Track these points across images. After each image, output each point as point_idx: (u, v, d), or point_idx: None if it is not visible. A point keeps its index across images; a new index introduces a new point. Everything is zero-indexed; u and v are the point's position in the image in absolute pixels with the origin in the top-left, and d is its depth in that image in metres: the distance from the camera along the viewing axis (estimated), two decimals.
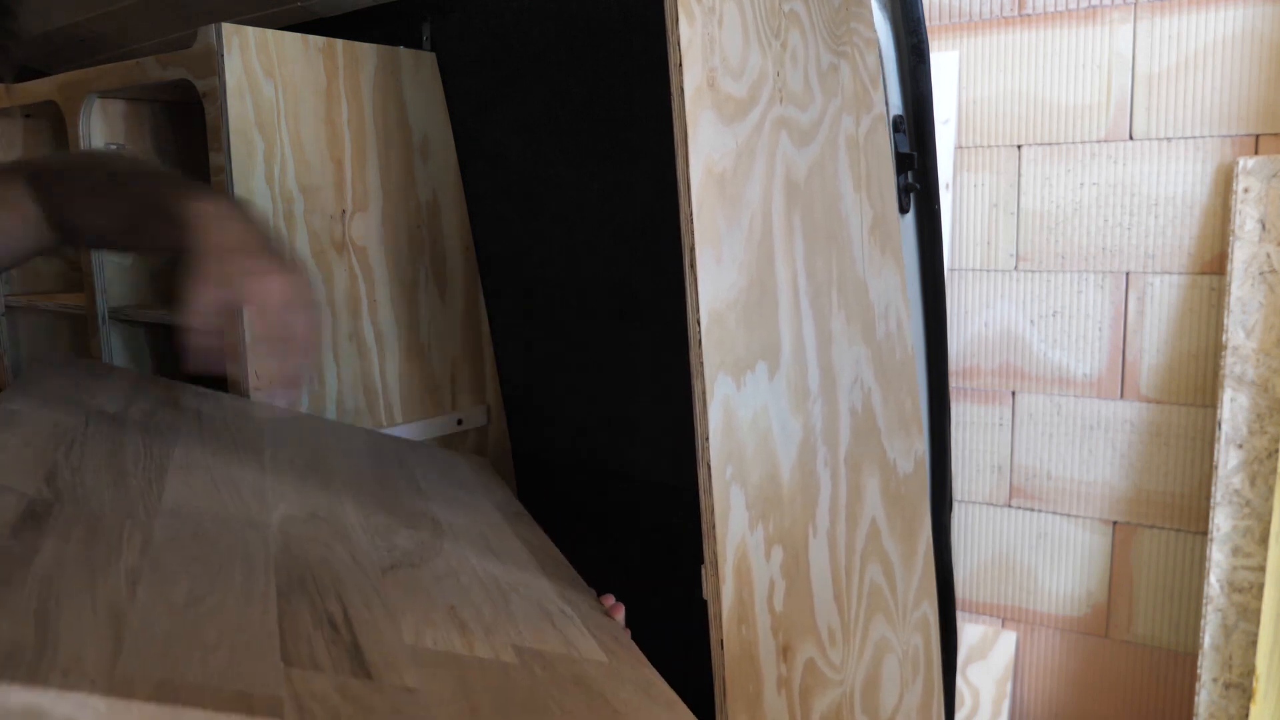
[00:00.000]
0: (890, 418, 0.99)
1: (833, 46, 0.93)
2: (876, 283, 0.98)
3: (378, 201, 1.32)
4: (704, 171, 0.77)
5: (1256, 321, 1.54)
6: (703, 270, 0.77)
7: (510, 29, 1.27)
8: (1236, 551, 1.58)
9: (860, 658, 0.94)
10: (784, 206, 0.84)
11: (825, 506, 0.89)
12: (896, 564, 1.00)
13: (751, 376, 0.81)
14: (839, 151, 0.92)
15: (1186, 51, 1.59)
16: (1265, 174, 1.53)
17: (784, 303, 0.85)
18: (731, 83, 0.79)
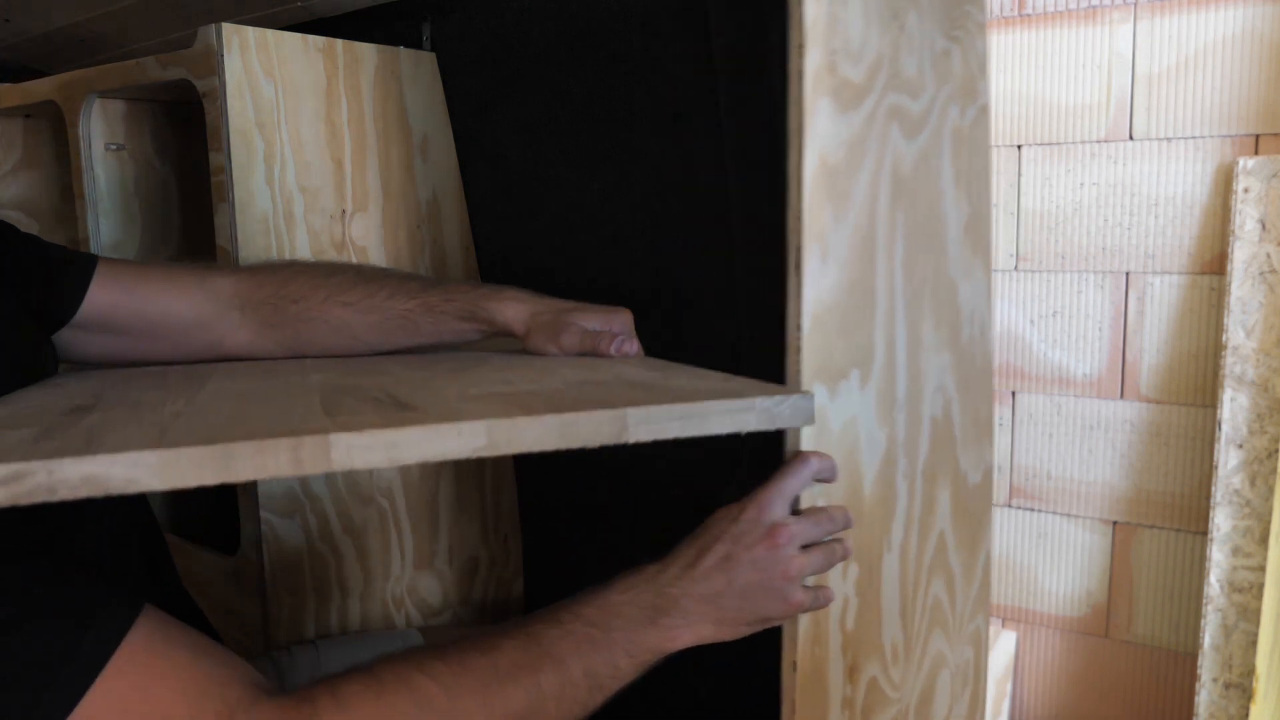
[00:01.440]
0: (966, 427, 0.96)
1: (947, 30, 0.88)
2: (966, 285, 0.94)
3: (378, 201, 1.32)
4: (817, 163, 0.73)
5: (1256, 321, 1.54)
6: (808, 270, 0.73)
7: (510, 29, 1.27)
8: (1236, 551, 1.58)
9: (919, 674, 0.92)
10: (889, 203, 0.81)
11: (900, 520, 0.86)
12: (958, 577, 0.97)
13: (845, 385, 0.78)
14: (944, 144, 0.89)
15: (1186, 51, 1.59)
16: (1265, 174, 1.53)
17: (880, 306, 0.81)
18: (850, 67, 0.75)
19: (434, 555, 1.43)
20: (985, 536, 1.03)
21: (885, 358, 0.82)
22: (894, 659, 0.87)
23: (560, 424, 0.62)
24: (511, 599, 1.56)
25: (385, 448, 0.56)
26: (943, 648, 0.96)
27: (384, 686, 0.63)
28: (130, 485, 0.49)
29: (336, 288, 1.01)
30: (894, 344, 0.83)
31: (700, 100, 1.14)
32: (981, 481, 1.01)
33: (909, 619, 0.89)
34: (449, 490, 1.44)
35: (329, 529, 1.29)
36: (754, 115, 1.10)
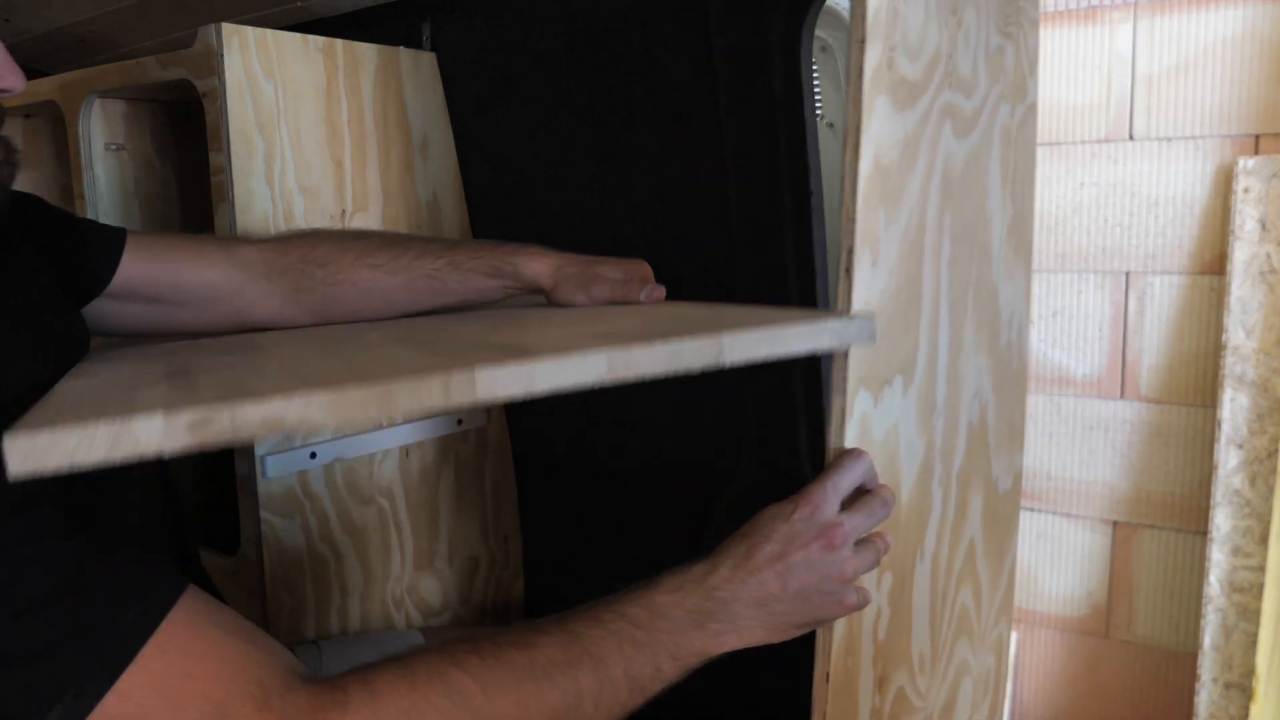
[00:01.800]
0: (1000, 432, 0.93)
1: (1001, 26, 0.86)
2: (1007, 287, 0.92)
3: (378, 201, 1.32)
4: (873, 163, 0.70)
5: (1256, 321, 1.54)
6: (858, 275, 0.70)
7: (510, 29, 1.27)
8: (1236, 551, 1.58)
9: (943, 683, 0.90)
10: (938, 204, 0.79)
11: (934, 528, 0.84)
12: (985, 585, 0.95)
13: (889, 391, 0.76)
14: (993, 144, 0.86)
15: (1186, 51, 1.59)
16: (1265, 174, 1.53)
17: (925, 311, 0.79)
18: (908, 64, 0.73)
19: (434, 555, 1.43)
20: (1012, 543, 1.00)
21: (927, 363, 0.80)
22: (921, 668, 0.85)
23: (668, 351, 0.67)
24: (511, 599, 1.56)
25: (524, 379, 0.61)
26: (967, 655, 0.94)
27: (417, 678, 0.62)
28: (303, 425, 0.52)
29: (363, 250, 1.01)
30: (936, 349, 0.81)
31: (700, 100, 1.14)
32: (1011, 487, 0.98)
33: (937, 628, 0.87)
34: (449, 490, 1.44)
35: (329, 529, 1.29)
36: (754, 115, 1.10)
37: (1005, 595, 1.01)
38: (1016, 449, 0.99)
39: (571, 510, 1.49)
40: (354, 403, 0.53)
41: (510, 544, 1.54)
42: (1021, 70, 0.91)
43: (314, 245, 1.02)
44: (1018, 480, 1.00)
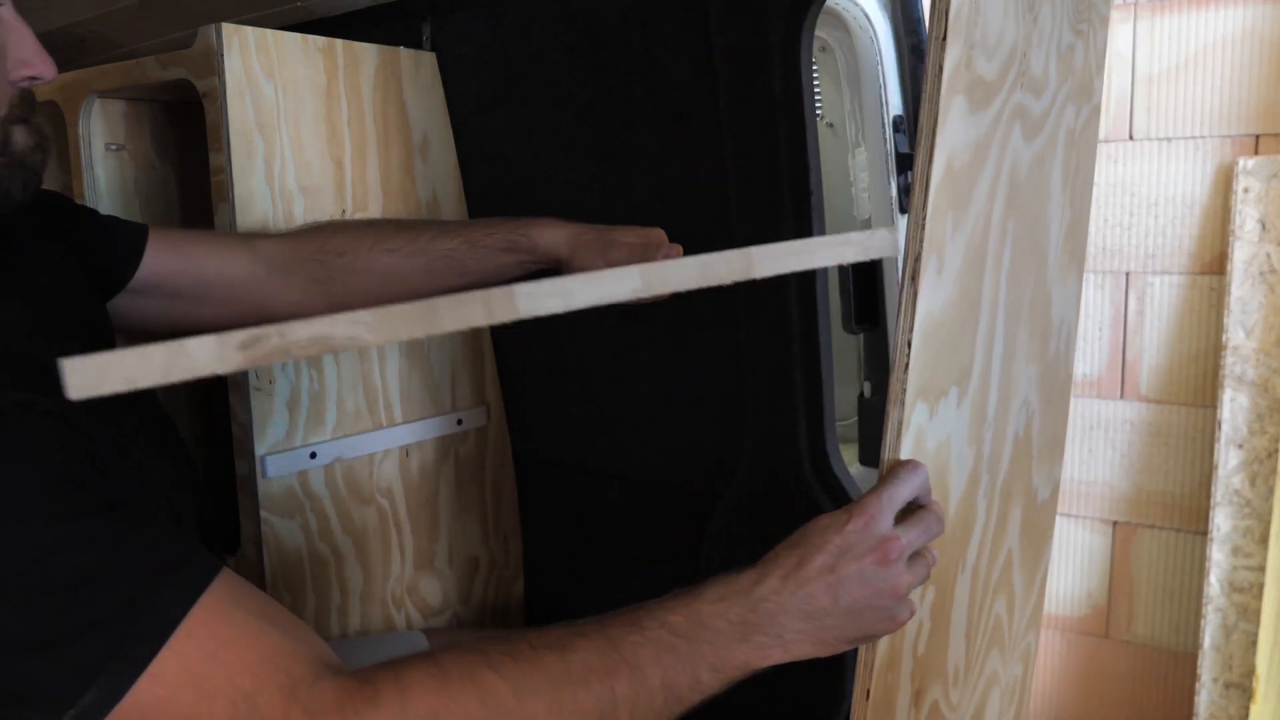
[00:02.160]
0: (1043, 442, 0.91)
1: (1074, 24, 0.82)
2: (1060, 294, 0.88)
3: (378, 201, 1.32)
4: (945, 167, 0.67)
5: (1256, 321, 1.54)
6: (924, 284, 0.67)
7: (510, 29, 1.27)
8: (1236, 551, 1.58)
9: (974, 694, 0.87)
10: (1003, 209, 0.75)
11: (976, 540, 0.81)
12: (1019, 595, 0.92)
13: (945, 403, 0.73)
14: (1058, 147, 0.83)
15: (1186, 51, 1.59)
16: (1265, 174, 1.53)
17: (983, 320, 0.76)
18: (985, 63, 0.70)
19: (434, 555, 1.43)
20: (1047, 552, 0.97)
21: (981, 374, 0.77)
22: (954, 681, 0.83)
23: (699, 265, 0.66)
24: (511, 599, 1.56)
25: (562, 294, 0.61)
26: (997, 666, 0.92)
27: (449, 678, 0.61)
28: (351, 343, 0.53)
29: (379, 237, 1.03)
30: (991, 360, 0.78)
31: (700, 100, 1.14)
32: (1050, 497, 0.95)
33: (971, 640, 0.84)
34: (449, 490, 1.44)
35: (329, 529, 1.29)
36: (754, 115, 1.10)
37: (1036, 605, 0.98)
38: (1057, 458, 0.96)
39: (571, 510, 1.49)
40: (400, 319, 0.54)
41: (510, 544, 1.54)
42: (1089, 70, 0.88)
43: (330, 235, 1.03)
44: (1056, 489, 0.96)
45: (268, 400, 1.21)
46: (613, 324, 1.33)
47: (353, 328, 0.52)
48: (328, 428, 1.28)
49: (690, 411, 1.30)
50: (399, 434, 1.36)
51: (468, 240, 1.02)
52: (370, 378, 1.33)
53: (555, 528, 1.52)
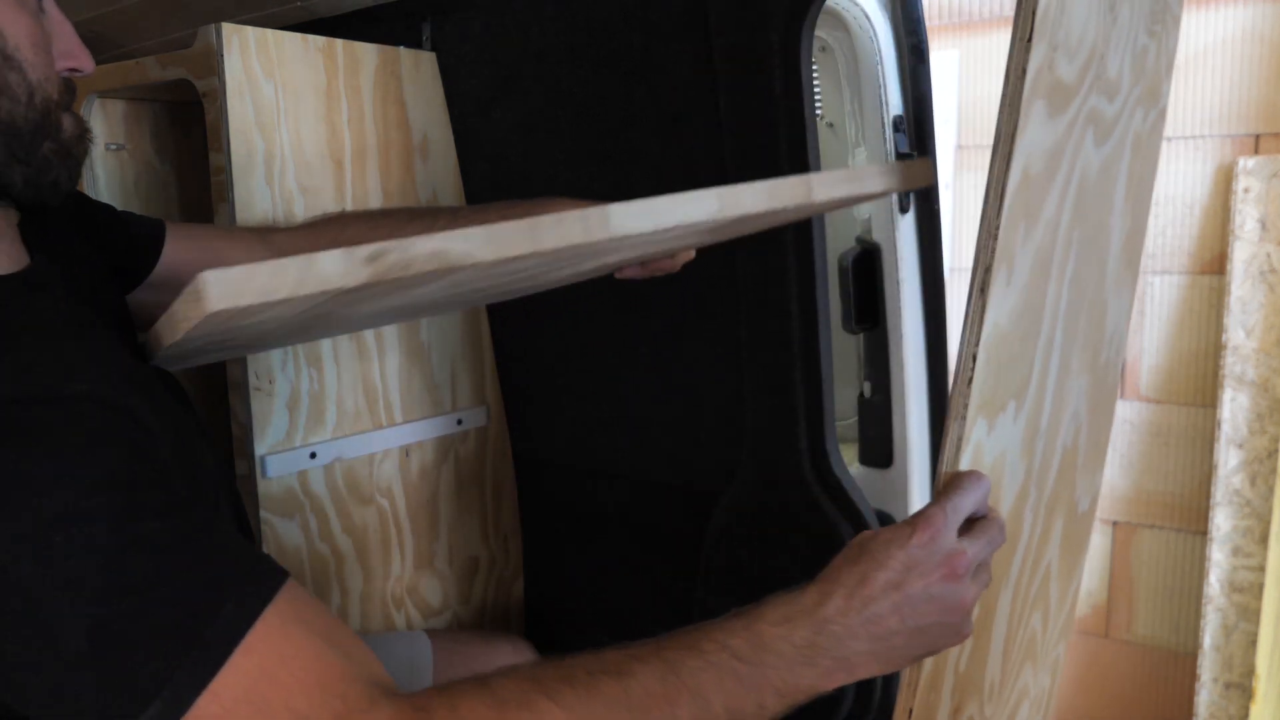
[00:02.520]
0: (1088, 453, 0.88)
1: (1149, 24, 0.79)
2: (1115, 304, 0.86)
3: (378, 201, 1.32)
4: (1021, 175, 0.64)
5: (1256, 321, 1.54)
6: (993, 294, 0.64)
7: (510, 29, 1.27)
8: (1236, 551, 1.58)
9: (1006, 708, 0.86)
10: (1070, 217, 0.73)
11: (1020, 554, 0.79)
12: (1054, 607, 0.90)
13: (1003, 418, 0.70)
14: (1125, 152, 0.80)
15: (1186, 51, 1.59)
16: (1265, 174, 1.53)
17: (1044, 331, 0.73)
18: (1065, 65, 0.66)
19: (434, 555, 1.43)
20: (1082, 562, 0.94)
21: (1038, 387, 0.75)
22: (990, 696, 0.81)
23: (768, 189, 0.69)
24: (511, 599, 1.56)
25: (651, 214, 0.65)
26: (1029, 679, 0.90)
27: (506, 707, 0.59)
28: (466, 258, 0.56)
29: (394, 225, 1.03)
30: (1048, 371, 0.75)
31: (700, 100, 1.14)
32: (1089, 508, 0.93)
33: (1008, 654, 0.83)
34: (449, 490, 1.44)
35: (329, 529, 1.29)
36: (754, 115, 1.10)
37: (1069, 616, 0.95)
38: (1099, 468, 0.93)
39: (571, 510, 1.49)
40: (508, 237, 0.58)
41: (510, 544, 1.54)
42: (1159, 72, 0.84)
43: (344, 226, 1.03)
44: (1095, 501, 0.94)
45: (268, 400, 1.21)
46: (613, 324, 1.33)
47: (466, 244, 0.56)
48: (328, 428, 1.28)
49: (690, 411, 1.30)
50: (399, 434, 1.36)
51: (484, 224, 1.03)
52: (370, 378, 1.33)
53: (555, 528, 1.52)
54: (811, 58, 1.08)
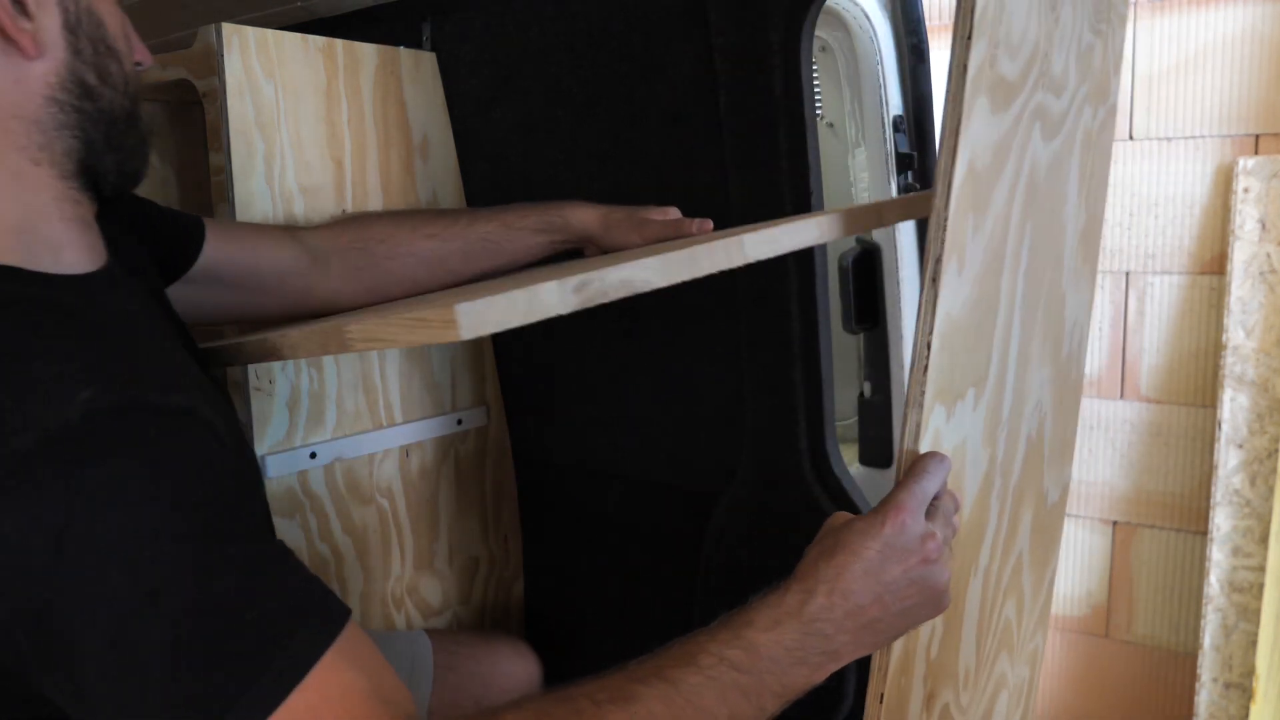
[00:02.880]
0: (1054, 445, 0.90)
1: (1093, 23, 0.82)
2: (1074, 296, 0.88)
3: (378, 201, 1.32)
4: (967, 168, 0.67)
5: (1256, 321, 1.54)
6: (944, 285, 0.67)
7: (510, 29, 1.27)
8: (1236, 551, 1.58)
9: (983, 696, 0.87)
10: (1021, 211, 0.75)
11: (988, 543, 0.81)
12: (1028, 597, 0.92)
13: (962, 405, 0.73)
14: (1075, 147, 0.83)
15: (1186, 51, 1.59)
16: (1265, 174, 1.53)
17: (1000, 322, 0.76)
18: (1008, 63, 0.69)
19: (434, 555, 1.43)
20: (1055, 554, 0.97)
21: (997, 376, 0.77)
22: (965, 684, 0.83)
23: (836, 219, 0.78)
24: (511, 599, 1.56)
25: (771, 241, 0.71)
26: (1005, 669, 0.92)
27: None
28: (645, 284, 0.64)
29: (418, 223, 1.07)
30: (1006, 362, 0.78)
31: (700, 100, 1.14)
32: (1059, 499, 0.95)
33: (981, 643, 0.84)
34: (449, 490, 1.44)
35: (329, 529, 1.29)
36: (754, 115, 1.10)
37: (1044, 607, 0.98)
38: (1067, 461, 0.96)
39: (571, 510, 1.49)
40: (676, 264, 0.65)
41: (510, 544, 1.54)
42: (1107, 70, 0.87)
43: (368, 225, 1.07)
44: (1065, 492, 0.97)
45: (268, 400, 1.21)
46: (612, 324, 1.33)
47: (645, 272, 0.64)
48: (328, 428, 1.28)
49: (690, 411, 1.30)
50: (399, 434, 1.36)
51: (503, 223, 1.06)
52: (370, 378, 1.33)
53: (555, 528, 1.52)
54: (811, 58, 1.08)
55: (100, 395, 0.56)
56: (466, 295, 0.60)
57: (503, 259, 1.07)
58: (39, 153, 0.66)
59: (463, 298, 0.58)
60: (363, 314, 0.79)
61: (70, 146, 0.67)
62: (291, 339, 0.78)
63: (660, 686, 0.61)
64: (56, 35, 0.65)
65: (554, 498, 1.51)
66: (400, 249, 1.06)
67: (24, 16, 0.63)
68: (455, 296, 0.68)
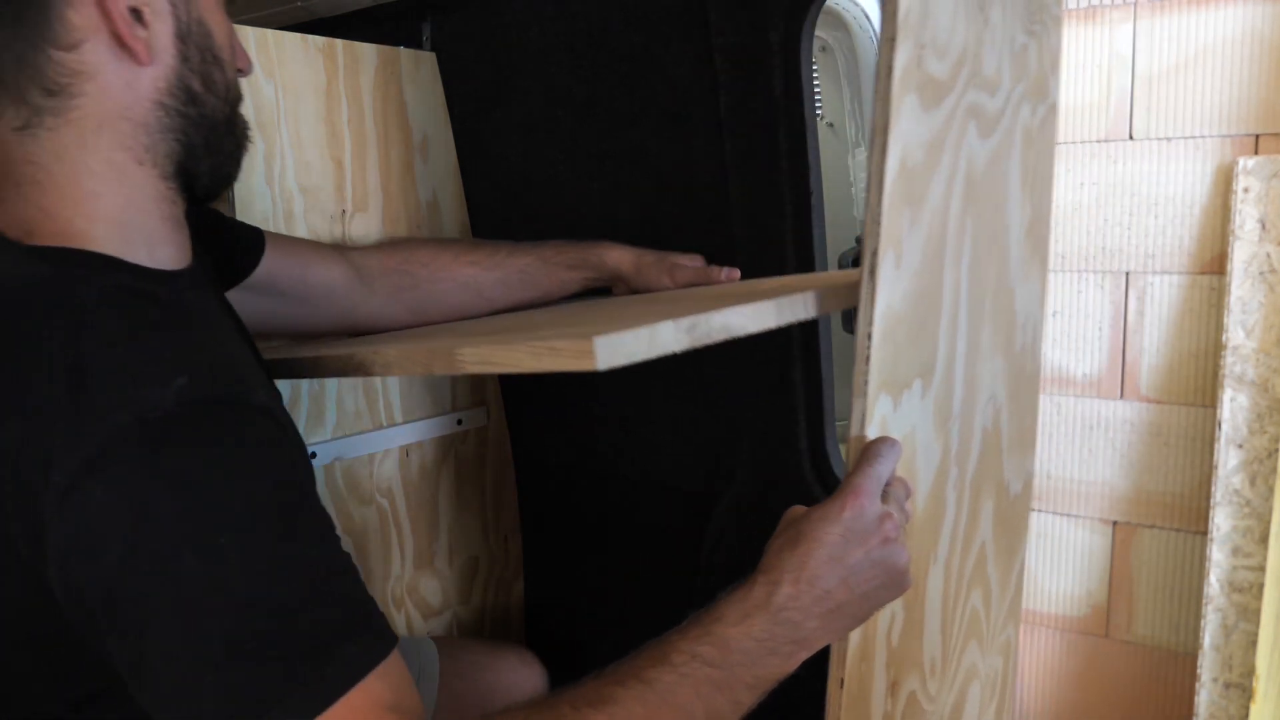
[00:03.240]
0: (1012, 436, 0.92)
1: (1027, 24, 0.84)
2: (1023, 290, 0.90)
3: (378, 201, 1.32)
4: (899, 164, 0.69)
5: (1256, 321, 1.54)
6: (882, 277, 0.69)
7: (510, 29, 1.27)
8: (1236, 551, 1.58)
9: (952, 686, 0.89)
10: (960, 206, 0.77)
11: (947, 532, 0.83)
12: (995, 589, 0.94)
13: (908, 395, 0.75)
14: (1015, 145, 0.85)
15: (1186, 51, 1.59)
16: (1265, 174, 1.53)
17: (945, 314, 0.78)
18: (936, 62, 0.71)
19: (434, 555, 1.43)
20: (1022, 546, 1.00)
21: (945, 367, 0.79)
22: (931, 672, 0.84)
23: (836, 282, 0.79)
24: (511, 599, 1.56)
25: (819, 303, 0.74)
26: (976, 659, 0.93)
27: None
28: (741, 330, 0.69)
29: (461, 250, 1.12)
30: (954, 353, 0.80)
31: (700, 100, 1.14)
32: (1022, 491, 0.97)
33: (947, 632, 0.86)
34: (449, 490, 1.44)
35: None
36: (754, 115, 1.10)
37: (1014, 599, 1.00)
38: (1029, 452, 0.98)
39: (571, 510, 1.49)
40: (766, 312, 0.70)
41: (510, 544, 1.54)
42: (1044, 69, 0.90)
43: (414, 249, 1.12)
44: (1029, 484, 0.99)
45: None
46: None
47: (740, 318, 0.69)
48: (328, 428, 1.28)
49: (690, 411, 1.30)
50: (399, 434, 1.36)
51: (540, 258, 1.12)
52: (370, 378, 1.33)
53: (555, 528, 1.52)
54: (811, 58, 1.08)
55: (194, 385, 0.59)
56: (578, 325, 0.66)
57: (537, 291, 1.13)
58: (144, 153, 0.69)
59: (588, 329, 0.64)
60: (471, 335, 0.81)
61: (172, 149, 0.71)
62: (386, 356, 0.79)
63: (637, 687, 0.63)
64: (168, 43, 0.68)
65: (554, 498, 1.51)
66: (443, 274, 1.11)
67: (140, 25, 0.66)
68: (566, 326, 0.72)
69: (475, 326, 0.93)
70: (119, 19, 0.65)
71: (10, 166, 0.67)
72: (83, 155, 0.67)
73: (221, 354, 0.65)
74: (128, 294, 0.65)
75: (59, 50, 0.64)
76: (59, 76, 0.65)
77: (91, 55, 0.65)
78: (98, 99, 0.66)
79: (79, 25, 0.64)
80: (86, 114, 0.66)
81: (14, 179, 0.67)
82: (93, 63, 0.65)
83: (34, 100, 0.65)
